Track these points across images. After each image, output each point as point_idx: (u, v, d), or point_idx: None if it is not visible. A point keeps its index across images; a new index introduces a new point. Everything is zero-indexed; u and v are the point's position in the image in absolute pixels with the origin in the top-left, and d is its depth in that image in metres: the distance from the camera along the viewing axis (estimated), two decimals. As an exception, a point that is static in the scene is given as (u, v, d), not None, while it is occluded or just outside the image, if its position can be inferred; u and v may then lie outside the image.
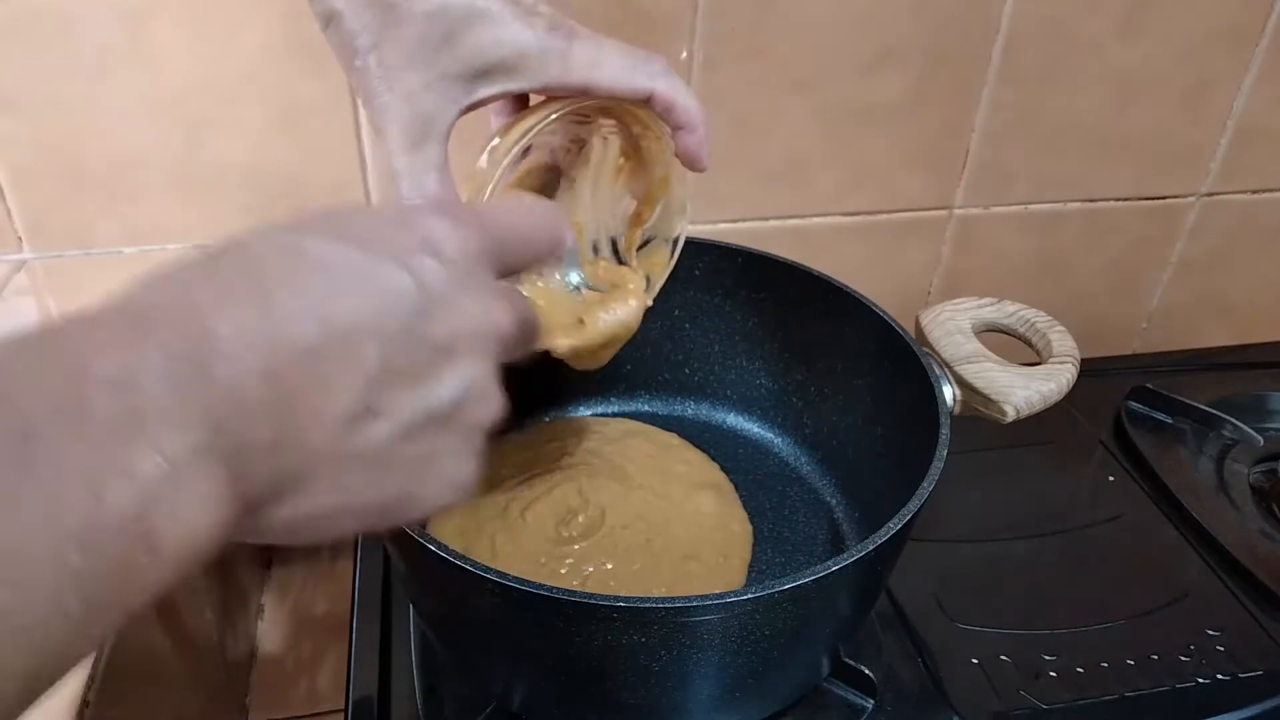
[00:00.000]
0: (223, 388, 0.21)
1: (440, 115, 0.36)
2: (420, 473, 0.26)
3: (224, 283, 0.23)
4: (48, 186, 0.55)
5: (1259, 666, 0.49)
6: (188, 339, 0.21)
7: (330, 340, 0.23)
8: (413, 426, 0.25)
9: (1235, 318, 0.81)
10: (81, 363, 0.20)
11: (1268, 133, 0.71)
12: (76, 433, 0.19)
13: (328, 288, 0.23)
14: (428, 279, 0.25)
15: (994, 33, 0.62)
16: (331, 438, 0.23)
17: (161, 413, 0.20)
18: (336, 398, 0.23)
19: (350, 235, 0.25)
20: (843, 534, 0.55)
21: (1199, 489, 0.61)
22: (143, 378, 0.20)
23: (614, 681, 0.39)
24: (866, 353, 0.53)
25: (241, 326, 0.22)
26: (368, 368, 0.23)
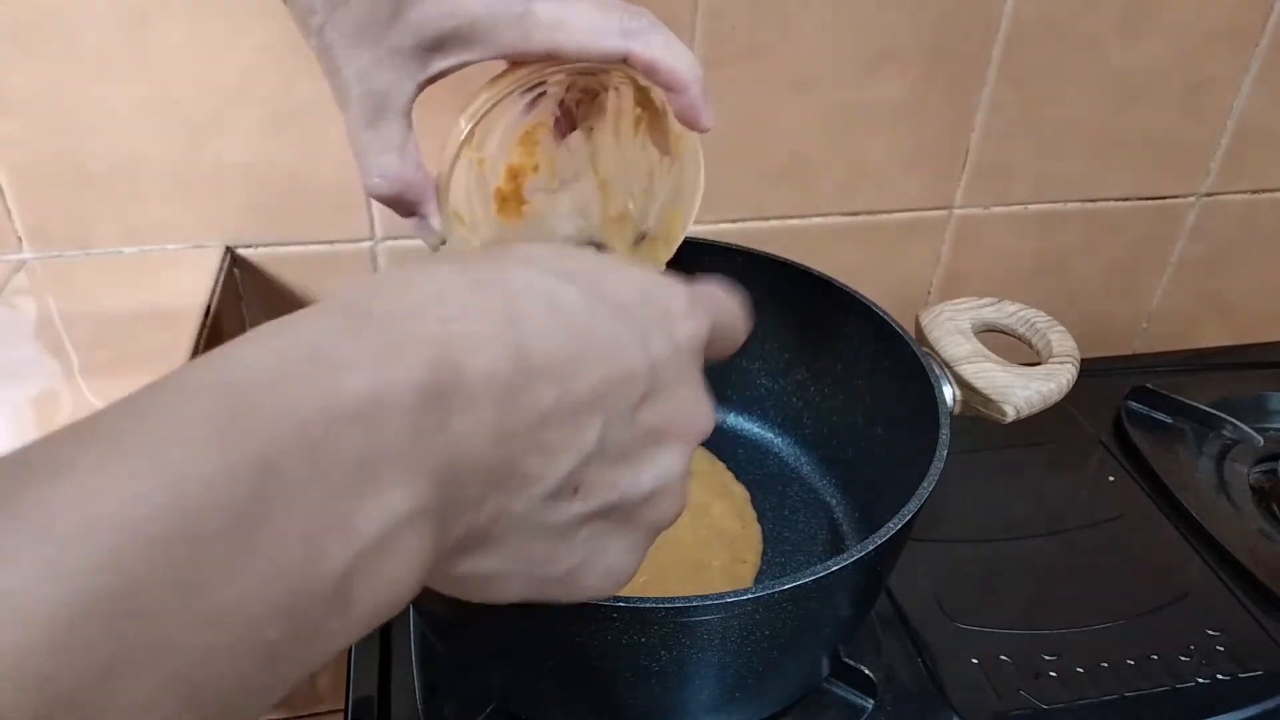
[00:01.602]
0: (456, 441, 0.19)
1: (396, 92, 0.34)
2: (592, 557, 0.25)
3: (480, 315, 0.21)
4: (48, 186, 0.55)
5: (1259, 666, 0.49)
6: (438, 378, 0.19)
7: (562, 410, 0.22)
8: (605, 509, 0.24)
9: (1235, 318, 0.81)
10: (332, 385, 0.18)
11: (1268, 133, 0.71)
12: (315, 473, 0.17)
13: (574, 351, 0.22)
14: (659, 363, 0.24)
15: (994, 33, 0.62)
16: (532, 506, 0.22)
17: (397, 460, 0.18)
18: (553, 469, 0.22)
19: (601, 292, 0.24)
20: (843, 534, 0.55)
21: (1199, 489, 0.61)
22: (388, 414, 0.18)
23: (614, 681, 0.39)
24: (866, 353, 0.53)
25: (491, 376, 0.20)
26: (586, 445, 0.22)
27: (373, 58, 0.34)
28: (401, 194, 0.36)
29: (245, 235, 0.59)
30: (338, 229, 0.60)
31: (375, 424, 0.18)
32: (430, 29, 0.33)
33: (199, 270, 0.56)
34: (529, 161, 0.40)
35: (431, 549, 0.20)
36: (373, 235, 0.61)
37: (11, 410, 0.46)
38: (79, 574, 0.14)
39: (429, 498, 0.19)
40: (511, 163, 0.40)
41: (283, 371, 0.18)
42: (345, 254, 0.61)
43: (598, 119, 0.41)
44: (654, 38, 0.35)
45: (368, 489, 0.18)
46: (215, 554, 0.15)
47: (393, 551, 0.18)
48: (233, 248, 0.59)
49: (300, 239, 0.60)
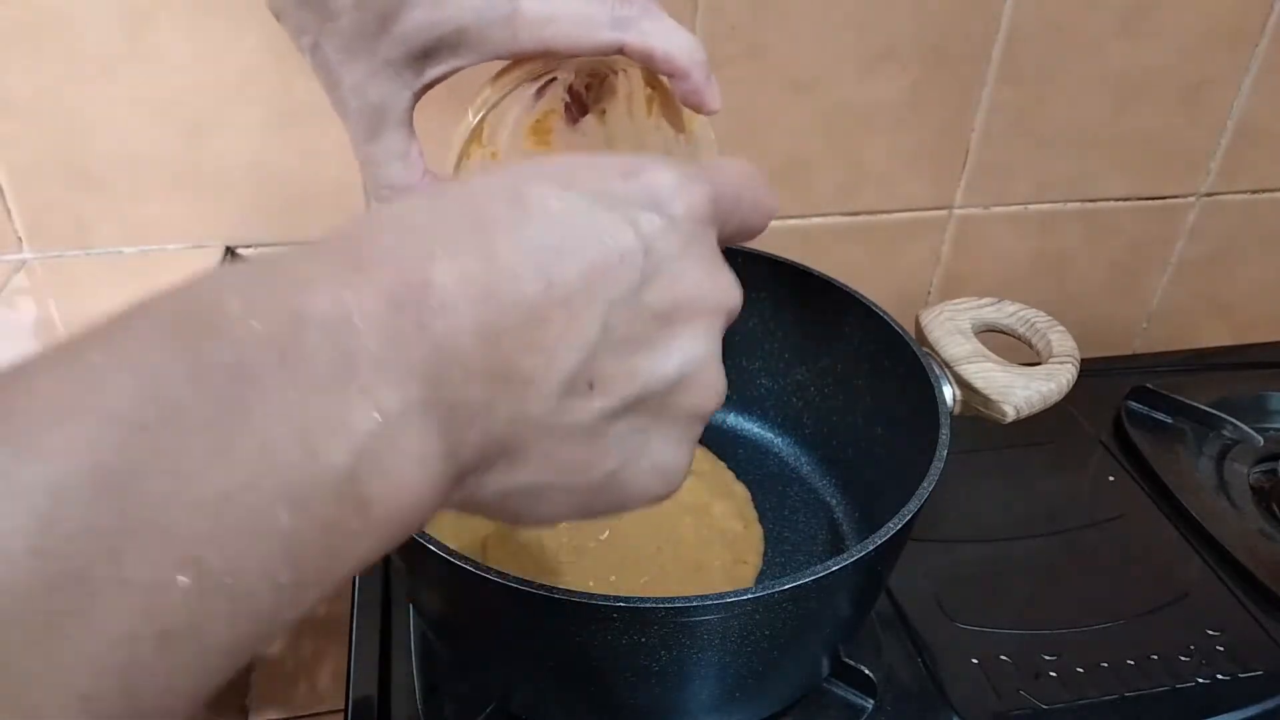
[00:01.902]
0: (440, 342, 0.19)
1: (392, 103, 0.34)
2: (633, 456, 0.24)
3: (446, 226, 0.21)
4: (48, 186, 0.55)
5: (1259, 666, 0.49)
6: (407, 285, 0.19)
7: (552, 301, 0.21)
8: (630, 402, 0.23)
9: (1235, 318, 0.81)
10: (297, 298, 0.18)
11: (1268, 133, 0.71)
12: (290, 376, 0.17)
13: (553, 241, 0.21)
14: (654, 240, 0.23)
15: (994, 33, 0.62)
16: (546, 407, 0.21)
17: (376, 362, 0.18)
18: (555, 364, 0.21)
19: (576, 183, 0.23)
20: (843, 534, 0.55)
21: (1199, 489, 0.61)
22: (359, 322, 0.18)
23: (614, 681, 0.39)
24: (866, 353, 0.53)
25: (463, 277, 0.20)
26: (589, 334, 0.22)
27: (367, 71, 0.34)
28: None
29: (245, 235, 0.59)
30: (338, 229, 0.60)
31: (345, 330, 0.18)
32: (419, 38, 0.33)
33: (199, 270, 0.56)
34: (544, 150, 0.40)
35: (440, 452, 0.20)
36: (373, 235, 0.61)
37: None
38: (65, 453, 0.15)
39: (422, 396, 0.19)
40: (526, 153, 0.40)
41: (250, 285, 0.18)
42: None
43: (610, 101, 0.40)
44: (648, 24, 0.34)
45: (351, 388, 0.18)
46: (203, 442, 0.16)
47: (396, 450, 0.18)
48: (233, 248, 0.59)
49: (300, 239, 0.60)
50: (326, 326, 0.18)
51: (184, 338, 0.17)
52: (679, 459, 0.25)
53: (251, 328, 0.17)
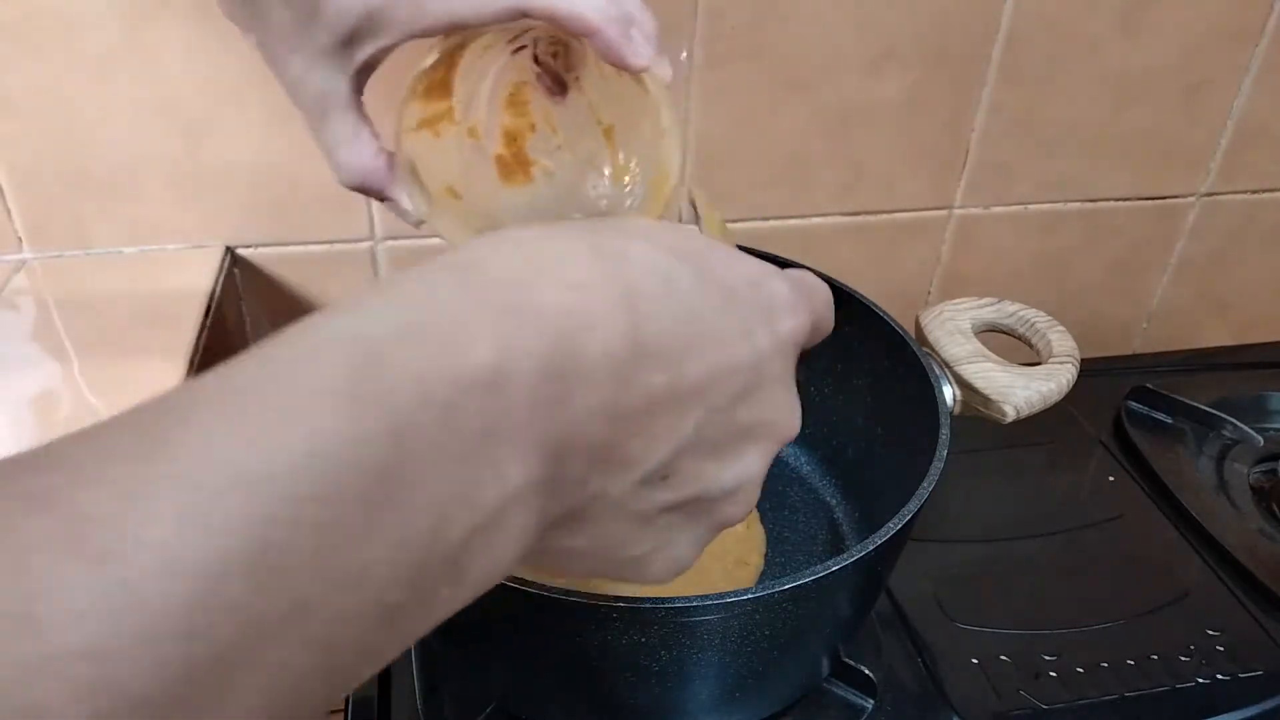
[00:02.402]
0: (574, 417, 0.19)
1: (332, 89, 0.35)
2: (663, 545, 0.25)
3: (600, 287, 0.21)
4: (48, 186, 0.55)
5: (1259, 666, 0.49)
6: (559, 350, 0.19)
7: (671, 396, 0.21)
8: (688, 501, 0.24)
9: (1235, 318, 0.81)
10: (460, 352, 0.18)
11: (1268, 133, 0.71)
12: (441, 448, 0.17)
13: (687, 335, 0.22)
14: (762, 358, 0.24)
15: (994, 33, 0.62)
16: (625, 490, 0.22)
17: (515, 432, 0.18)
18: (651, 454, 0.22)
19: (713, 277, 0.23)
20: (843, 534, 0.55)
21: (1199, 489, 0.61)
22: (510, 386, 0.18)
23: (614, 681, 0.39)
24: (866, 353, 0.53)
25: (607, 354, 0.20)
26: (686, 433, 0.22)
27: (305, 62, 0.35)
28: (364, 182, 0.37)
29: (245, 235, 0.59)
30: (338, 229, 0.60)
31: (498, 394, 0.18)
32: (341, 24, 0.34)
33: (199, 270, 0.56)
34: (524, 122, 0.39)
35: (535, 524, 0.20)
36: (372, 235, 0.61)
37: (11, 410, 0.46)
38: (225, 528, 0.14)
39: (541, 473, 0.19)
40: (505, 127, 0.39)
41: (410, 332, 0.18)
42: (345, 254, 0.61)
43: (581, 67, 0.39)
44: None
45: (488, 461, 0.18)
46: (351, 517, 0.15)
47: (505, 525, 0.18)
48: (233, 248, 0.59)
49: (300, 239, 0.60)
50: (482, 388, 0.18)
51: (350, 394, 0.16)
52: (691, 556, 0.26)
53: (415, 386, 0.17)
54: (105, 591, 0.13)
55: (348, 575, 0.15)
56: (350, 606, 0.16)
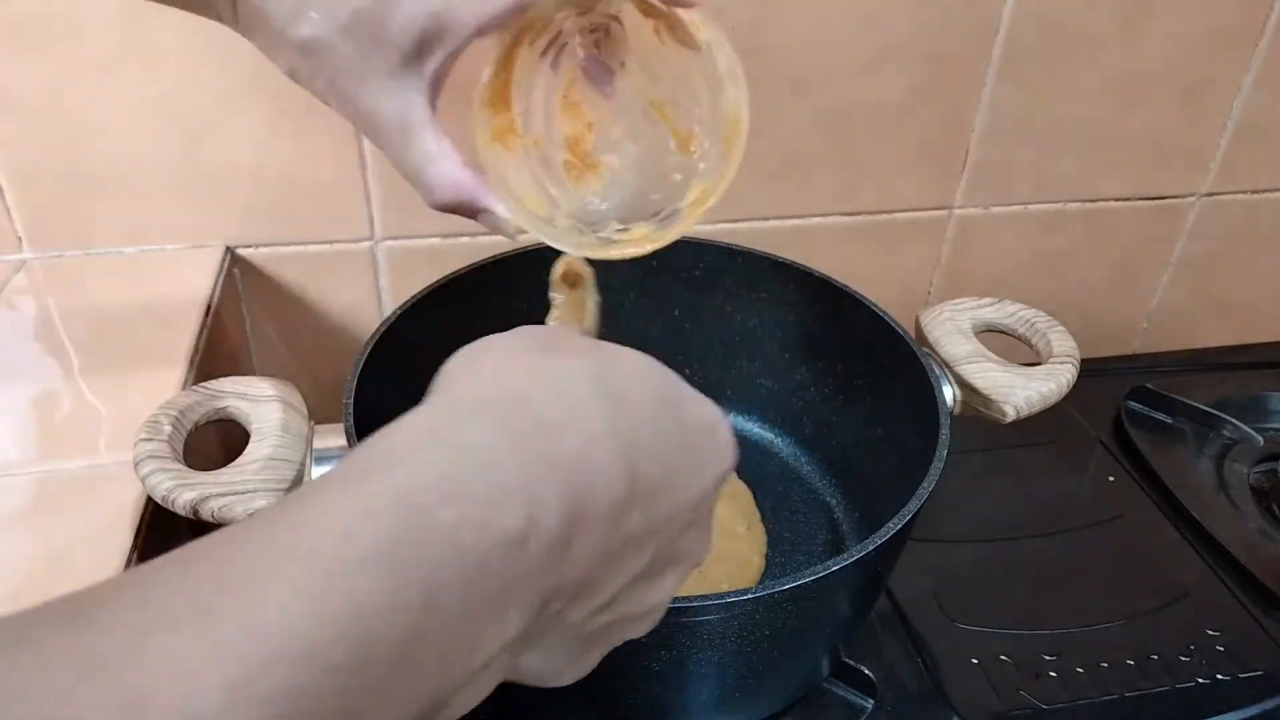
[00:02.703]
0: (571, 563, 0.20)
1: (408, 111, 0.35)
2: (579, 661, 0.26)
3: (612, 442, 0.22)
4: (48, 186, 0.55)
5: (1259, 666, 0.49)
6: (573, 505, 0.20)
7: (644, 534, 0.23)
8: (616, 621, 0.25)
9: (1235, 318, 0.81)
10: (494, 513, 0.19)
11: (1268, 133, 0.71)
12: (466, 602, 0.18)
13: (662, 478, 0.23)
14: (708, 493, 0.25)
15: (994, 33, 0.62)
16: (580, 616, 0.23)
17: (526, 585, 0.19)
18: (612, 586, 0.23)
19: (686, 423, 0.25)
20: (843, 534, 0.55)
21: (1199, 489, 0.61)
22: (534, 542, 0.19)
23: (614, 681, 0.39)
24: (866, 353, 0.53)
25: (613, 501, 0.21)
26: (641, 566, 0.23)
27: (376, 89, 0.35)
28: (457, 197, 0.37)
29: (245, 235, 0.59)
30: (338, 229, 0.60)
31: (521, 551, 0.19)
32: (406, 39, 0.34)
33: (199, 270, 0.56)
34: (580, 124, 0.39)
35: (512, 659, 0.21)
36: (372, 235, 0.61)
37: (11, 410, 0.46)
38: (267, 699, 0.15)
39: (533, 619, 0.20)
40: (566, 134, 0.39)
41: (454, 486, 0.18)
42: (345, 254, 0.61)
43: (624, 52, 0.39)
44: None
45: (497, 614, 0.18)
46: (377, 684, 0.16)
47: (493, 670, 0.19)
48: (233, 248, 0.59)
49: (300, 239, 0.60)
50: (511, 547, 0.18)
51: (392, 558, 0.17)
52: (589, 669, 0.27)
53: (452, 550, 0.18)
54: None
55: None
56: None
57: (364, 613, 0.16)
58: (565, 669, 0.26)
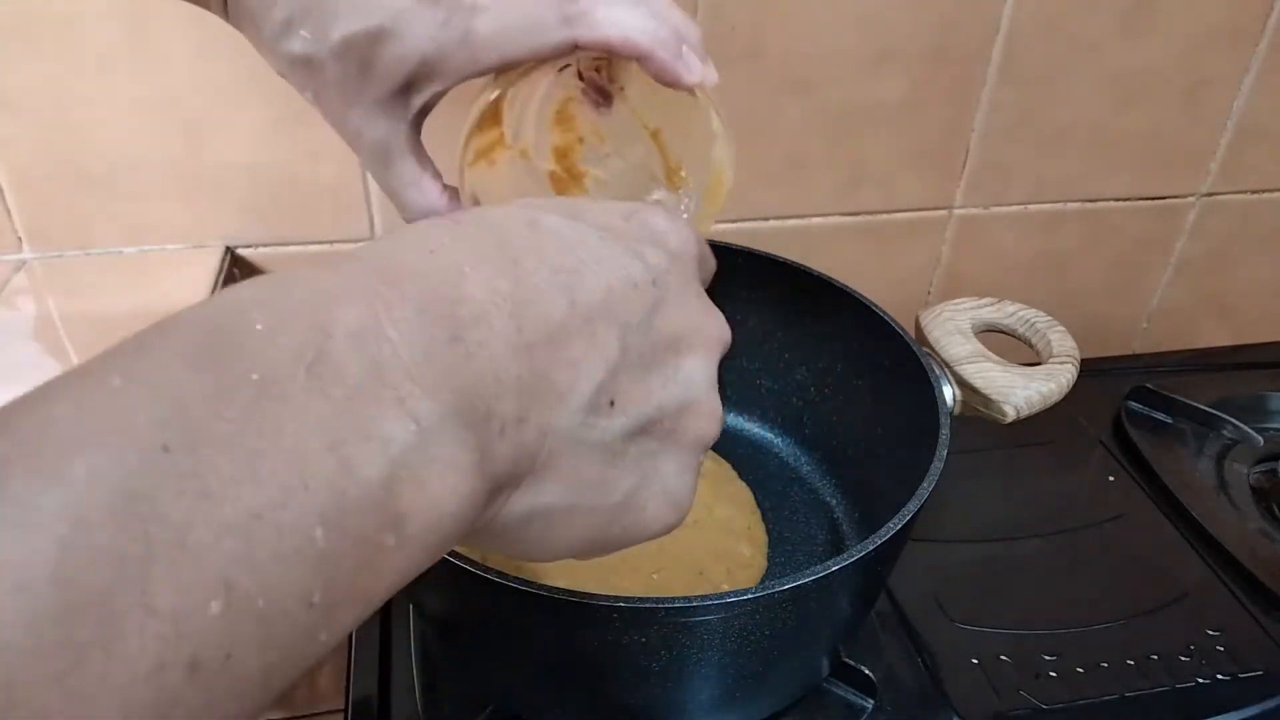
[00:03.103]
0: (473, 352, 0.20)
1: (392, 137, 0.36)
2: (646, 480, 0.25)
3: (470, 245, 0.22)
4: (48, 186, 0.55)
5: (1259, 666, 0.49)
6: (439, 299, 0.20)
7: (576, 319, 0.22)
8: (644, 422, 0.24)
9: (1235, 318, 0.81)
10: (324, 310, 0.18)
11: (1268, 133, 0.71)
12: (319, 388, 0.17)
13: (571, 264, 0.23)
14: (660, 272, 0.25)
15: (994, 33, 0.62)
16: (574, 421, 0.22)
17: (409, 372, 0.18)
18: (582, 379, 0.22)
19: (583, 217, 0.25)
20: (843, 534, 0.55)
21: (1199, 489, 0.61)
22: (390, 332, 0.19)
23: (614, 681, 0.39)
24: (866, 353, 0.53)
25: (493, 292, 0.21)
26: (609, 354, 0.23)
27: (363, 112, 0.35)
28: None
29: (245, 235, 0.59)
30: (338, 229, 0.60)
31: (376, 340, 0.18)
32: (395, 76, 0.34)
33: (199, 270, 0.56)
34: (571, 136, 0.40)
35: (475, 461, 0.20)
36: (372, 235, 0.61)
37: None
38: (85, 480, 0.14)
39: (457, 405, 0.19)
40: (555, 145, 0.39)
41: (266, 305, 0.18)
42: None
43: (624, 77, 0.39)
44: (600, 13, 0.33)
45: (385, 398, 0.18)
46: (229, 461, 0.16)
47: (431, 460, 0.18)
48: (233, 248, 0.59)
49: (300, 239, 0.60)
50: (356, 337, 0.18)
51: (206, 355, 0.17)
52: (686, 485, 0.26)
53: (276, 341, 0.17)
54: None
55: (234, 515, 0.15)
56: (253, 548, 0.15)
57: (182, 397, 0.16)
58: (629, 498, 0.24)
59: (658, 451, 0.25)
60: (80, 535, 0.14)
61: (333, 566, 0.17)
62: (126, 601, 0.14)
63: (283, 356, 0.17)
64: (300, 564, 0.16)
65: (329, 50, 0.33)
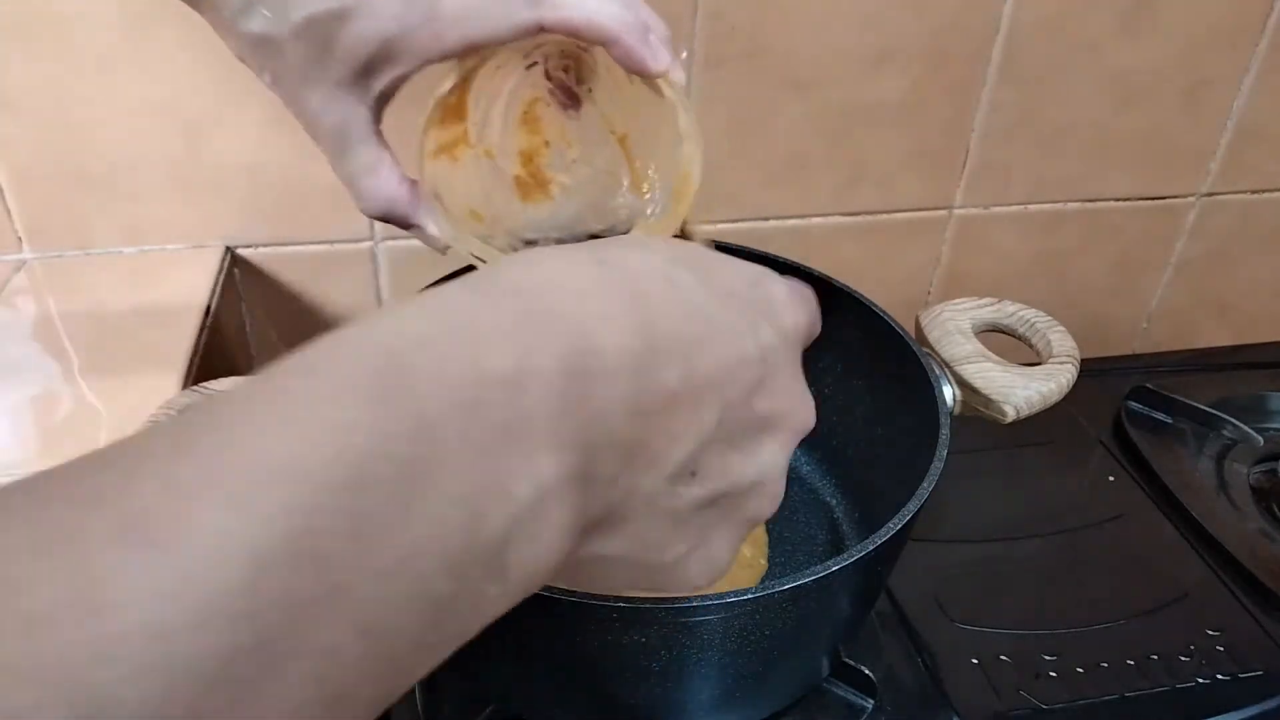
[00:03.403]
0: (599, 410, 0.20)
1: (351, 121, 0.35)
2: (698, 546, 0.25)
3: (609, 291, 0.22)
4: (48, 186, 0.55)
5: (1259, 666, 0.49)
6: (576, 352, 0.20)
7: (688, 391, 0.22)
8: (717, 495, 0.24)
9: (1235, 318, 0.81)
10: (481, 355, 0.18)
11: (1268, 133, 0.71)
12: (470, 438, 0.17)
13: (696, 331, 0.23)
14: (769, 350, 0.25)
15: (994, 33, 0.62)
16: (656, 487, 0.23)
17: (544, 426, 0.19)
18: (676, 448, 0.22)
19: (714, 278, 0.24)
20: (843, 534, 0.55)
21: (1199, 489, 0.61)
22: (533, 383, 0.19)
23: (614, 681, 0.39)
24: (866, 353, 0.53)
25: (623, 351, 0.21)
26: (707, 427, 0.23)
27: (322, 96, 0.35)
28: (389, 211, 0.37)
29: (245, 235, 0.59)
30: (338, 229, 0.60)
31: (521, 391, 0.18)
32: (357, 56, 0.34)
33: (199, 270, 0.56)
34: (537, 140, 0.39)
35: (575, 522, 0.20)
36: (372, 235, 0.61)
37: (11, 410, 0.46)
38: (268, 516, 0.15)
39: (574, 467, 0.19)
40: (521, 147, 0.39)
41: (434, 337, 0.18)
42: (345, 254, 0.61)
43: (592, 79, 0.39)
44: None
45: (518, 454, 0.18)
46: (384, 506, 0.16)
47: (544, 519, 0.19)
48: (233, 248, 0.59)
49: (300, 239, 0.60)
50: (505, 385, 0.18)
51: (375, 392, 0.17)
52: (726, 556, 0.27)
53: (438, 385, 0.18)
54: (162, 577, 0.14)
55: (385, 562, 0.16)
56: (393, 593, 0.16)
57: (354, 436, 0.16)
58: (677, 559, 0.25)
59: (716, 523, 0.25)
60: (263, 574, 0.14)
61: (447, 613, 0.17)
62: (286, 643, 0.14)
63: (442, 401, 0.17)
64: (423, 610, 0.17)
65: (290, 29, 0.33)
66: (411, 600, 0.16)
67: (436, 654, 0.18)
